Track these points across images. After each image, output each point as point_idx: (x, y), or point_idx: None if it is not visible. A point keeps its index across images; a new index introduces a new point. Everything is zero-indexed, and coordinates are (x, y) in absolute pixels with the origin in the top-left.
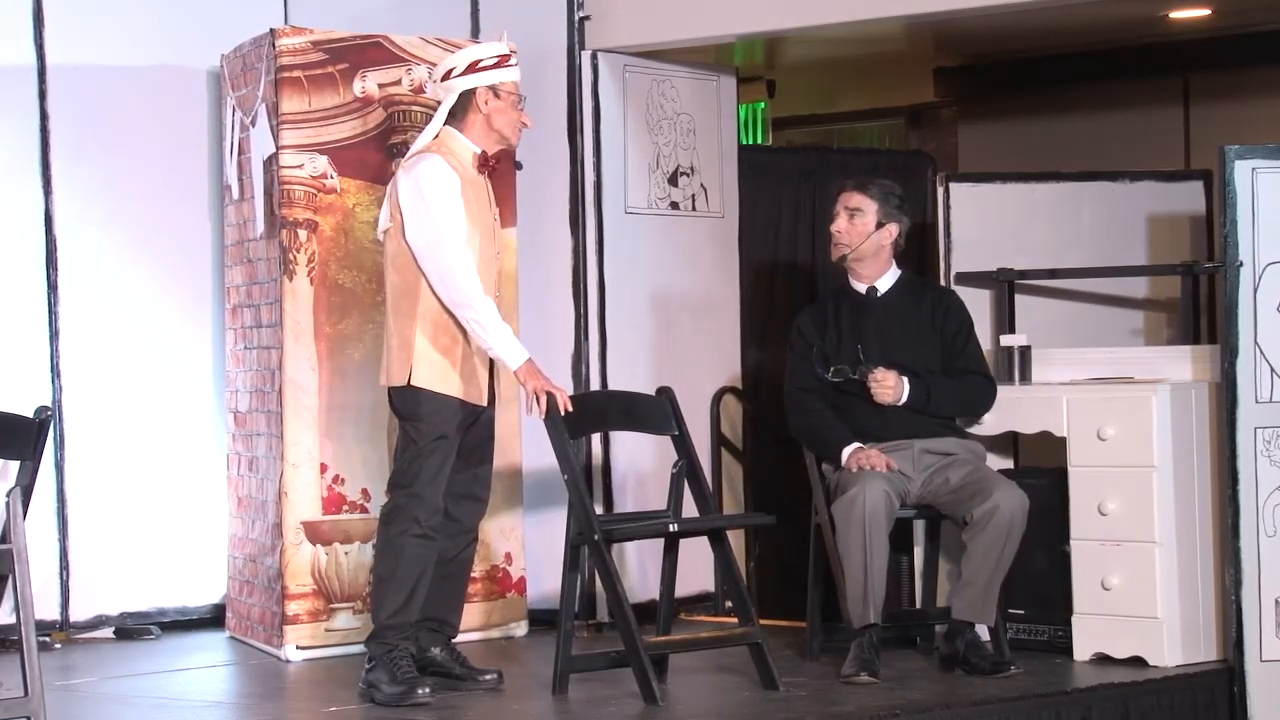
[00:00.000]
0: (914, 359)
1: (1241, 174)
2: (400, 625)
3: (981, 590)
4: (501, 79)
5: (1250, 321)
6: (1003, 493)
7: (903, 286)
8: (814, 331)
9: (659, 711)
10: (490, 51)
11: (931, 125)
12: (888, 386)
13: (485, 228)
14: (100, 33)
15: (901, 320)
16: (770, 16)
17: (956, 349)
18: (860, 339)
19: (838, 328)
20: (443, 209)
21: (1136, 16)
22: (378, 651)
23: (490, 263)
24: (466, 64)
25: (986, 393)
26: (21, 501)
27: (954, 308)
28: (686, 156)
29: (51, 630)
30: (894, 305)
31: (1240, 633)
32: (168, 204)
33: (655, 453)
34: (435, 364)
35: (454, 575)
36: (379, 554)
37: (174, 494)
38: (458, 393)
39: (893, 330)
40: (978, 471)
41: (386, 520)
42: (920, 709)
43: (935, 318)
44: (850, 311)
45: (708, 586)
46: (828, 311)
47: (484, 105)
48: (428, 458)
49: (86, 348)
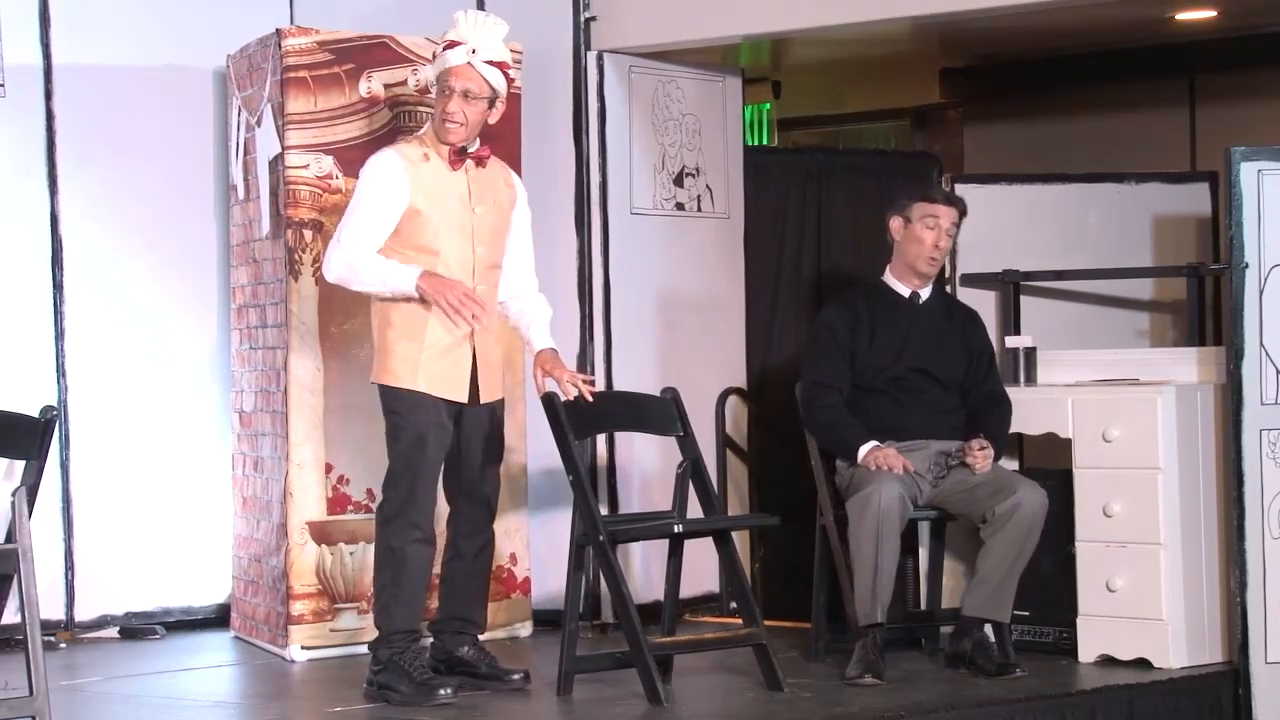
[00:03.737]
0: (941, 368)
1: (1247, 176)
2: (408, 630)
3: (997, 587)
4: (440, 69)
5: (1256, 323)
6: (1026, 490)
7: (938, 297)
8: (844, 328)
9: (664, 712)
10: (446, 37)
11: (937, 126)
12: (990, 458)
13: (458, 225)
14: (106, 33)
15: (937, 330)
16: (776, 17)
17: (982, 370)
18: (899, 341)
19: (871, 326)
20: (362, 203)
21: (1143, 18)
22: (385, 655)
23: (465, 256)
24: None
25: (1010, 414)
26: (27, 501)
27: (980, 329)
28: (692, 157)
29: (56, 630)
30: (933, 314)
31: (1245, 634)
32: (173, 204)
33: (660, 453)
34: (406, 362)
35: (476, 574)
36: (381, 561)
37: (179, 494)
38: (429, 389)
39: (930, 339)
40: (996, 470)
41: (385, 524)
42: (925, 710)
43: (965, 334)
44: (889, 312)
45: (712, 587)
46: (859, 309)
47: (434, 99)
48: (416, 456)
49: (92, 347)
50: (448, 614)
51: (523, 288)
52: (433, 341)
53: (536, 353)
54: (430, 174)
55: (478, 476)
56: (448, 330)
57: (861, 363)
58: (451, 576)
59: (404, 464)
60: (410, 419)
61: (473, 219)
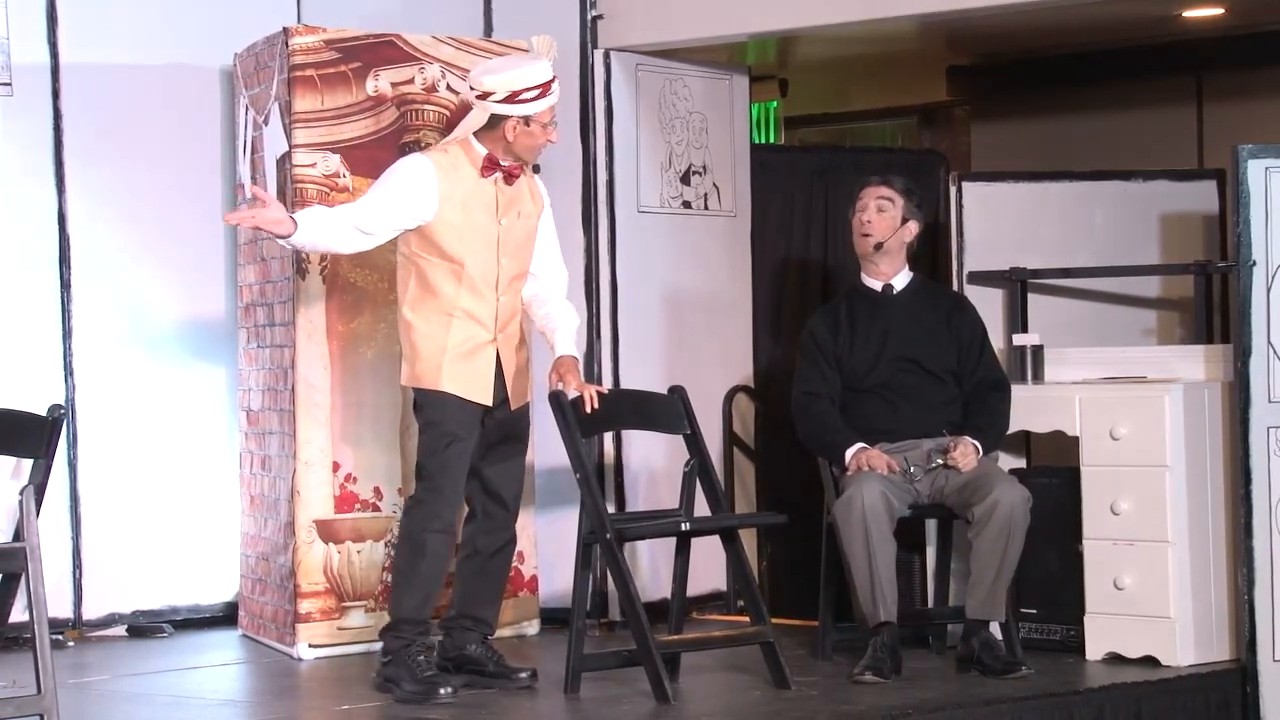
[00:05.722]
0: (929, 358)
1: (1255, 173)
2: (418, 620)
3: (989, 588)
4: (538, 110)
5: (1263, 321)
6: (1002, 488)
7: (917, 286)
8: (827, 334)
9: (671, 710)
10: (533, 80)
11: (944, 124)
12: (970, 456)
13: (485, 236)
14: (113, 32)
15: (918, 319)
16: (783, 15)
17: (974, 356)
18: (879, 337)
19: (852, 327)
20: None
21: (1150, 16)
22: (394, 645)
23: (489, 268)
24: (507, 93)
25: (1009, 398)
26: (35, 499)
27: (969, 313)
28: (699, 155)
29: (65, 628)
30: (910, 304)
31: (1253, 632)
32: (181, 203)
33: (667, 452)
34: (430, 364)
35: (491, 573)
36: (401, 546)
37: (187, 492)
38: (458, 391)
39: (910, 329)
40: (980, 469)
41: (409, 512)
42: (932, 708)
43: (951, 321)
44: (866, 310)
45: (720, 585)
46: (840, 312)
47: (511, 131)
48: (442, 453)
49: (99, 346)
50: (459, 611)
51: (550, 291)
52: (455, 344)
53: (557, 358)
54: (460, 184)
55: (502, 478)
56: (470, 334)
57: (848, 365)
58: (466, 574)
59: (432, 461)
60: (438, 418)
61: (499, 230)
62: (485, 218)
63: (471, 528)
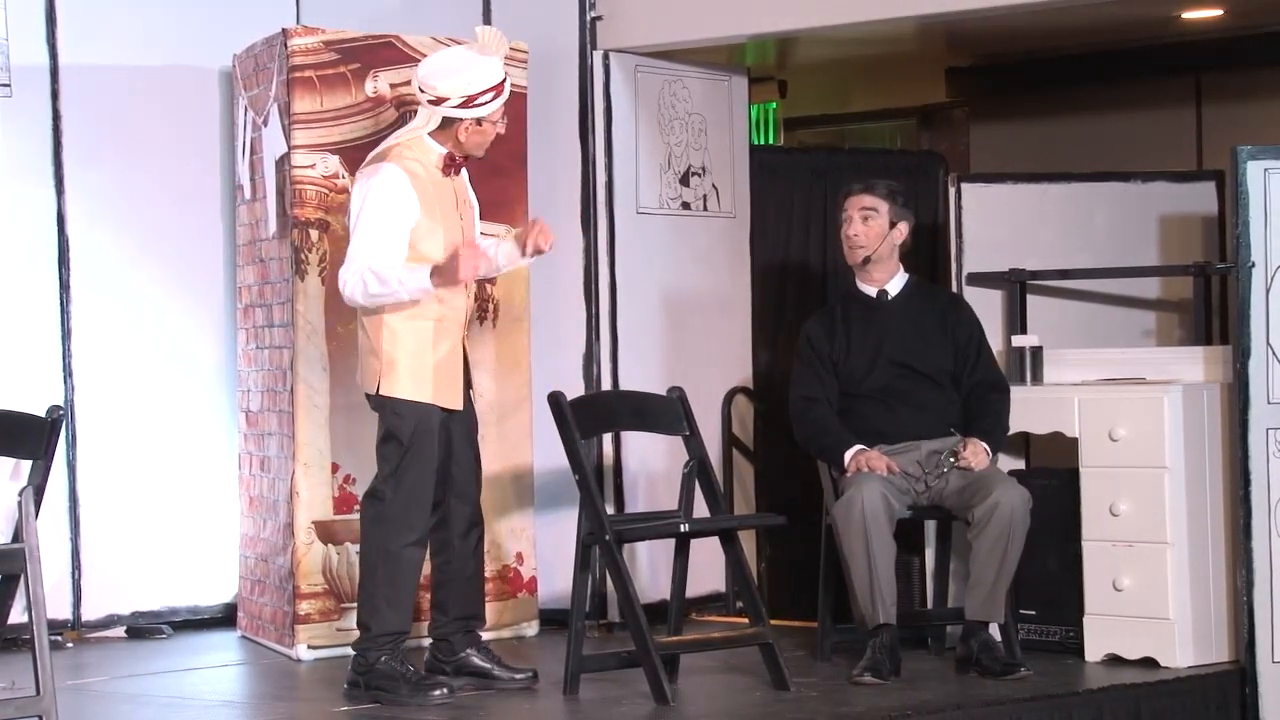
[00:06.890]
0: (926, 362)
1: (1254, 174)
2: (398, 633)
3: (989, 590)
4: (491, 110)
5: (1262, 322)
6: (1003, 490)
7: (912, 289)
8: (823, 339)
9: (670, 711)
10: (488, 83)
11: (943, 125)
12: (981, 456)
13: (451, 232)
14: (112, 33)
15: (914, 324)
16: (782, 17)
17: (971, 357)
18: (874, 343)
19: (847, 332)
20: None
21: (1149, 17)
22: (374, 657)
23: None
24: (462, 99)
25: (1009, 399)
26: (34, 501)
27: (965, 314)
28: (698, 156)
29: (63, 629)
30: (906, 308)
31: (1252, 633)
32: (180, 204)
33: (666, 453)
34: (416, 375)
35: (475, 574)
36: (373, 563)
37: (186, 493)
38: (432, 399)
39: (906, 333)
40: (979, 470)
41: (378, 524)
42: (931, 709)
43: (947, 323)
44: (861, 315)
45: (719, 586)
46: (835, 317)
47: (464, 132)
48: (420, 464)
49: (98, 347)
50: (453, 615)
51: None
52: (440, 356)
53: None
54: (429, 186)
55: (467, 476)
56: (449, 341)
57: (844, 370)
58: (448, 580)
59: (406, 468)
60: (414, 427)
61: (461, 224)
62: (449, 214)
63: (445, 533)
